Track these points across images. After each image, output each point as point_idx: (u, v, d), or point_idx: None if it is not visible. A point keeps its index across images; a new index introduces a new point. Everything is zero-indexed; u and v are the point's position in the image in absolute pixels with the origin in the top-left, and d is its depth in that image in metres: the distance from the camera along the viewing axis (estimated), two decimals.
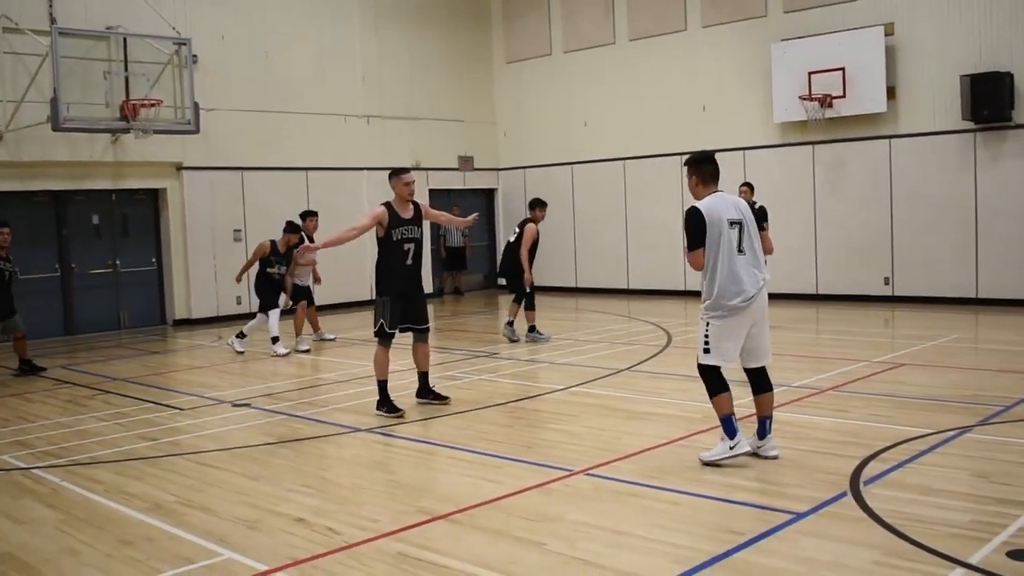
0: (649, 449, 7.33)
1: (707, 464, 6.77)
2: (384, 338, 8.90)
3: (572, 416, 8.65)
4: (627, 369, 11.00)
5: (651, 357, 11.85)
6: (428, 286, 20.91)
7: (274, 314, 13.48)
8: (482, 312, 19.04)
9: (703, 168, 7.10)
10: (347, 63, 19.94)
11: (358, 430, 8.37)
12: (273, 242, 13.60)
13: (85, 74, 15.31)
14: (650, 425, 8.15)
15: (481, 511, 5.95)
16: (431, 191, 21.16)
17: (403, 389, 9.76)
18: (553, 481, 6.55)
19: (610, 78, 20.53)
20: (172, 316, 17.69)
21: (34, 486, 7.01)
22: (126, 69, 14.97)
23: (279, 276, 13.62)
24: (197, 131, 15.19)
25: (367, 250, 18.07)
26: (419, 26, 21.13)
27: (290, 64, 18.93)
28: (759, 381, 7.01)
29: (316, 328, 14.62)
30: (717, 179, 7.10)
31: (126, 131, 14.60)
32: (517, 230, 13.90)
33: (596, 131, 20.85)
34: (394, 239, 8.87)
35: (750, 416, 7.32)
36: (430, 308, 10.16)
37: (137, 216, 17.53)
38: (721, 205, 6.89)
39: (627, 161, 20.32)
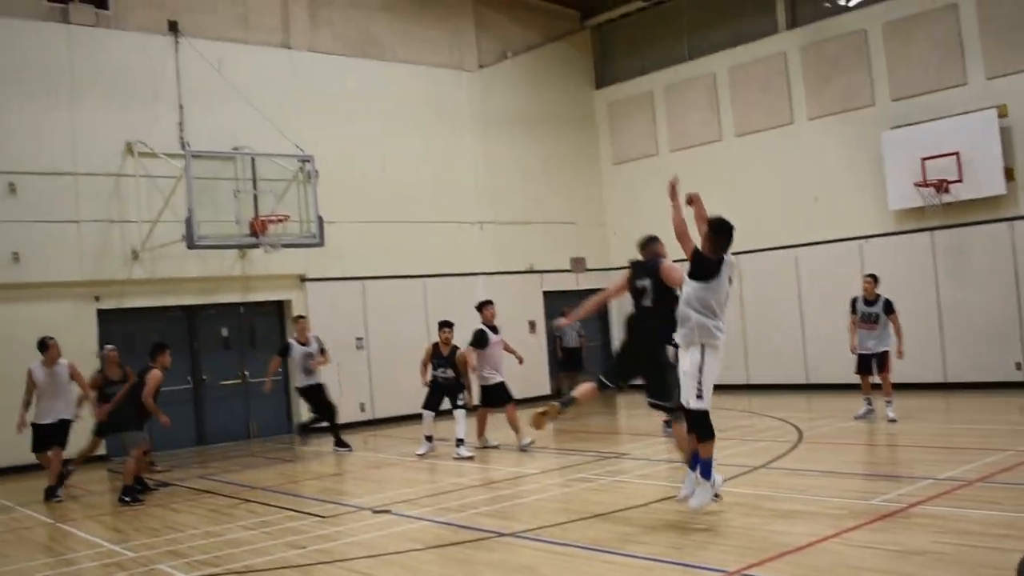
0: (801, 548, 7.19)
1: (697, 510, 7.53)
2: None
3: (715, 515, 8.53)
4: (763, 466, 10.84)
5: (785, 453, 11.67)
6: (545, 387, 21.04)
7: (459, 414, 13.47)
8: (601, 412, 18.98)
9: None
10: (460, 172, 20.49)
11: (502, 534, 8.39)
12: (435, 344, 13.90)
13: (214, 193, 15.99)
14: (799, 523, 8.00)
15: None
16: (545, 293, 21.41)
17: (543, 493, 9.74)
18: None
19: (718, 174, 20.63)
20: (298, 423, 18.05)
21: None
22: (254, 187, 15.62)
23: (443, 380, 13.73)
24: (322, 244, 15.71)
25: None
26: (527, 133, 21.64)
27: (405, 175, 19.53)
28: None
29: (480, 433, 14.25)
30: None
31: (255, 246, 15.17)
32: None
33: None
34: None
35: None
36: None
37: (264, 327, 18.10)
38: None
39: (742, 255, 20.23)
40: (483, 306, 14.24)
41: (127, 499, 11.59)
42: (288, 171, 15.97)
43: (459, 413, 13.50)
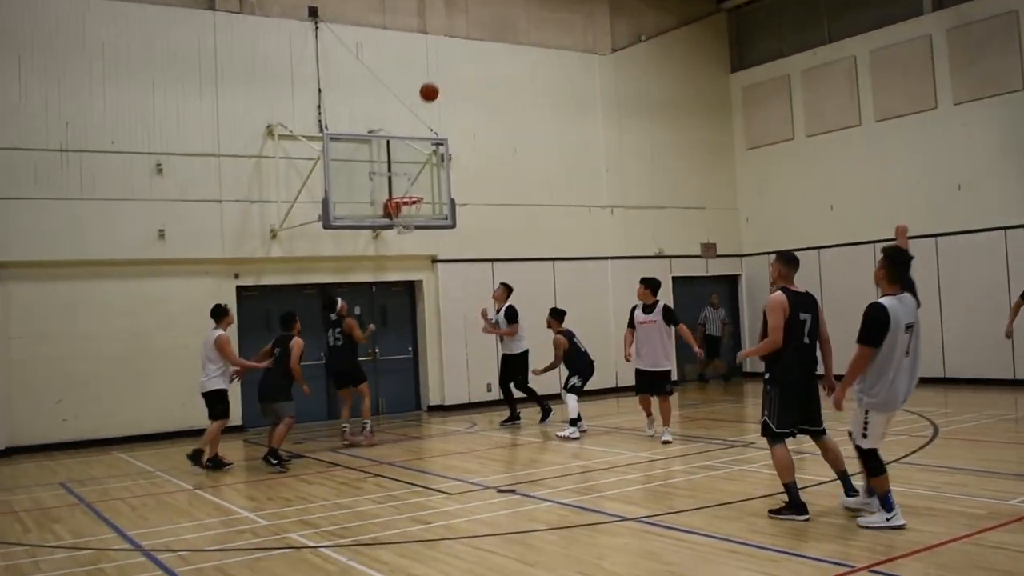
0: (933, 547, 7.00)
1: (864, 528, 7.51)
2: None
3: (845, 511, 8.36)
4: (896, 461, 10.54)
5: (920, 448, 11.34)
6: (672, 373, 20.89)
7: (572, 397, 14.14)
8: (727, 400, 18.76)
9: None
10: (591, 156, 20.44)
11: (626, 519, 8.40)
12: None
13: (350, 175, 16.28)
14: (931, 522, 7.78)
15: None
16: (674, 279, 21.22)
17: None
18: None
19: (857, 160, 20.10)
20: (427, 402, 18.40)
21: (323, 564, 7.40)
22: (389, 169, 15.88)
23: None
24: (454, 226, 15.87)
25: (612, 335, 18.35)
26: (660, 117, 21.43)
27: (537, 159, 19.59)
28: None
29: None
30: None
31: (389, 227, 15.41)
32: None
33: (843, 214, 20.39)
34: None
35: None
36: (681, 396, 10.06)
37: (395, 307, 18.46)
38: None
39: (877, 244, 19.64)
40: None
41: (274, 461, 12.04)
42: (422, 154, 16.17)
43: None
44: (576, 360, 14.60)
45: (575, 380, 14.38)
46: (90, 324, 15.48)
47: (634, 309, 13.47)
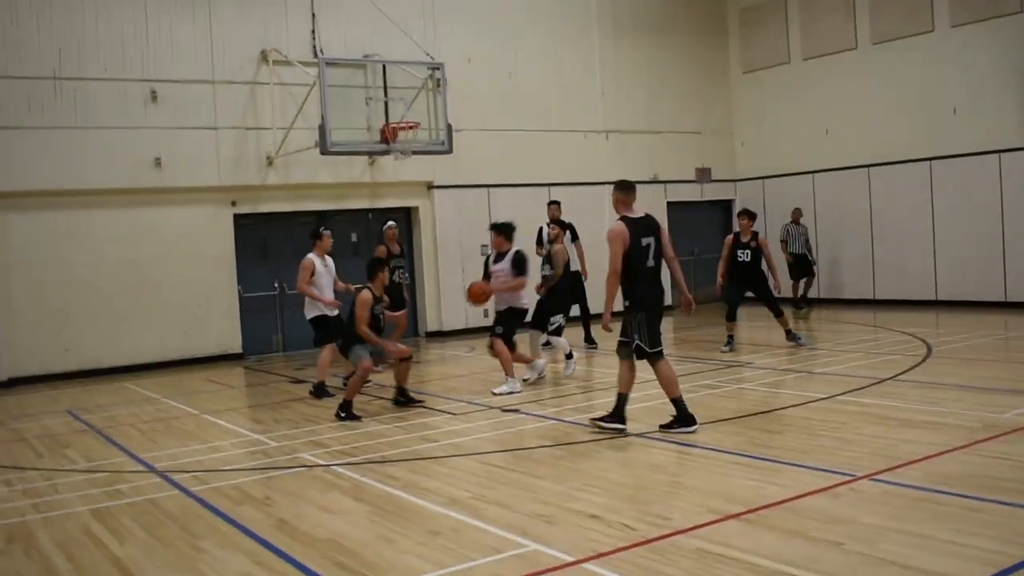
0: (931, 456, 7.19)
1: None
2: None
3: (843, 423, 8.56)
4: (891, 379, 10.75)
5: (914, 367, 11.53)
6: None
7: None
8: (720, 324, 18.91)
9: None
10: (587, 80, 20.36)
11: (629, 434, 8.57)
12: None
13: (345, 100, 16.18)
14: (929, 433, 7.97)
15: (771, 512, 6.03)
16: (669, 204, 21.28)
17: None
18: (837, 485, 6.54)
19: (852, 84, 20.04)
20: (424, 328, 18.55)
21: (337, 481, 7.57)
22: (385, 94, 15.81)
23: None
24: (451, 151, 15.86)
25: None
26: (656, 40, 21.30)
27: (533, 83, 19.52)
28: None
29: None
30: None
31: (386, 153, 15.39)
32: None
33: (838, 139, 20.39)
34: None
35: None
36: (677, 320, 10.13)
37: None
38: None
39: (871, 168, 19.76)
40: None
41: (343, 415, 10.21)
42: (418, 79, 16.08)
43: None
44: (558, 294, 13.26)
45: (560, 320, 13.06)
46: (89, 253, 15.51)
47: (487, 258, 12.40)
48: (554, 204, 15.43)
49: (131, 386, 14.23)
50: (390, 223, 14.85)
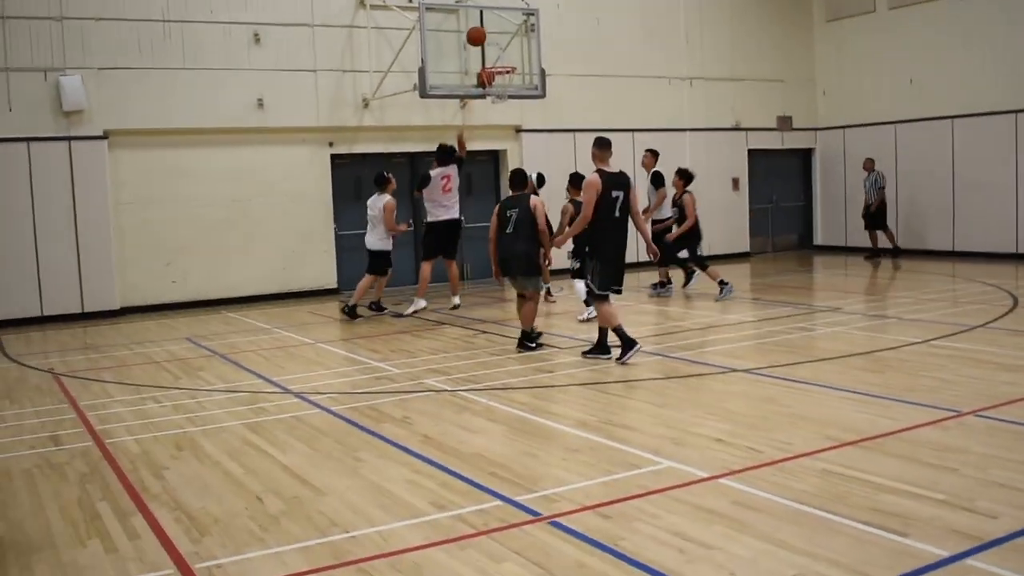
0: None
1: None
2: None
3: (941, 366, 8.95)
4: (981, 326, 11.07)
5: (1004, 315, 11.83)
6: (745, 244, 21.34)
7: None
8: (799, 271, 19.25)
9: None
10: (671, 27, 20.56)
11: (735, 370, 9.05)
12: None
13: (437, 44, 16.60)
14: None
15: (886, 440, 6.49)
16: (750, 151, 21.52)
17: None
18: (944, 419, 6.97)
19: (938, 34, 19.98)
20: None
21: (467, 404, 8.15)
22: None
23: None
24: (544, 95, 16.24)
25: None
26: None
27: (618, 29, 19.77)
28: None
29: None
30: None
31: (483, 97, 15.80)
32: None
33: (922, 89, 20.38)
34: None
35: None
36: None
37: (480, 175, 19.00)
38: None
39: (955, 119, 19.79)
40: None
41: (531, 344, 10.60)
42: (509, 23, 16.42)
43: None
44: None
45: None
46: (194, 190, 16.18)
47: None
48: (650, 153, 15.86)
49: (237, 316, 14.96)
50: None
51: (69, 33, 15.18)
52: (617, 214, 9.54)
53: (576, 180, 13.50)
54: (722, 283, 14.15)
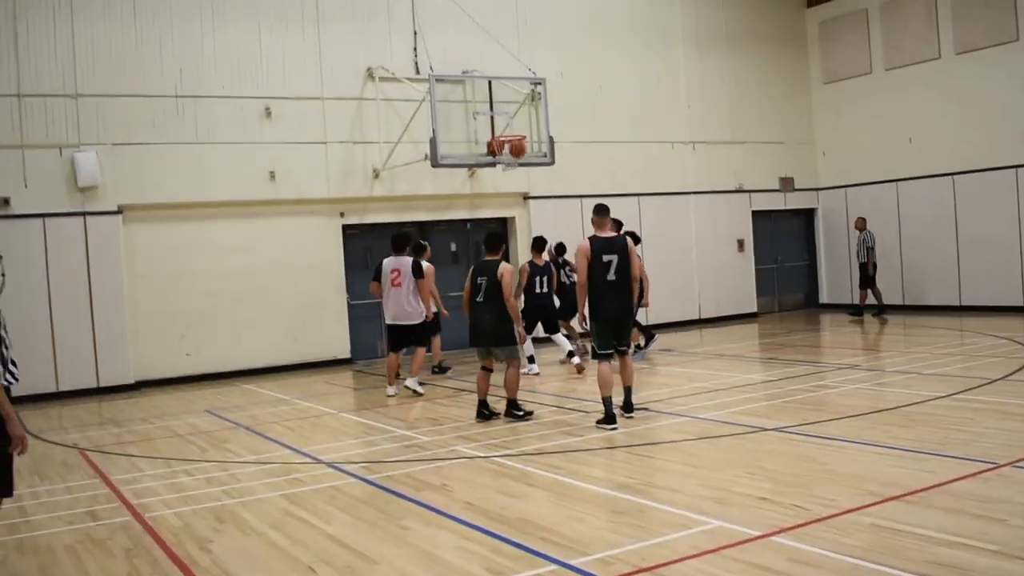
0: None
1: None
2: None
3: (969, 419, 9.01)
4: (1001, 379, 11.15)
5: (1022, 368, 11.91)
6: (752, 305, 21.47)
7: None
8: (807, 329, 19.35)
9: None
10: (673, 92, 20.90)
11: (765, 429, 9.09)
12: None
13: (446, 114, 16.83)
14: None
15: (928, 494, 6.52)
16: (753, 212, 21.75)
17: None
18: (982, 472, 7.01)
19: (935, 92, 20.33)
20: None
21: (503, 470, 8.17)
22: (491, 108, 16.46)
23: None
24: (552, 163, 16.45)
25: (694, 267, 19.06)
26: (739, 52, 21.79)
27: (622, 96, 20.09)
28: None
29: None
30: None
31: (494, 165, 16.01)
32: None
33: (922, 148, 20.67)
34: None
35: None
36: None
37: None
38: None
39: (956, 176, 20.05)
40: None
41: (518, 412, 10.50)
42: (517, 93, 16.70)
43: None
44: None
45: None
46: (208, 262, 16.31)
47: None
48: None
49: (253, 388, 14.98)
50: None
51: (84, 110, 15.42)
52: (612, 277, 9.85)
53: (538, 244, 15.01)
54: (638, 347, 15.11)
